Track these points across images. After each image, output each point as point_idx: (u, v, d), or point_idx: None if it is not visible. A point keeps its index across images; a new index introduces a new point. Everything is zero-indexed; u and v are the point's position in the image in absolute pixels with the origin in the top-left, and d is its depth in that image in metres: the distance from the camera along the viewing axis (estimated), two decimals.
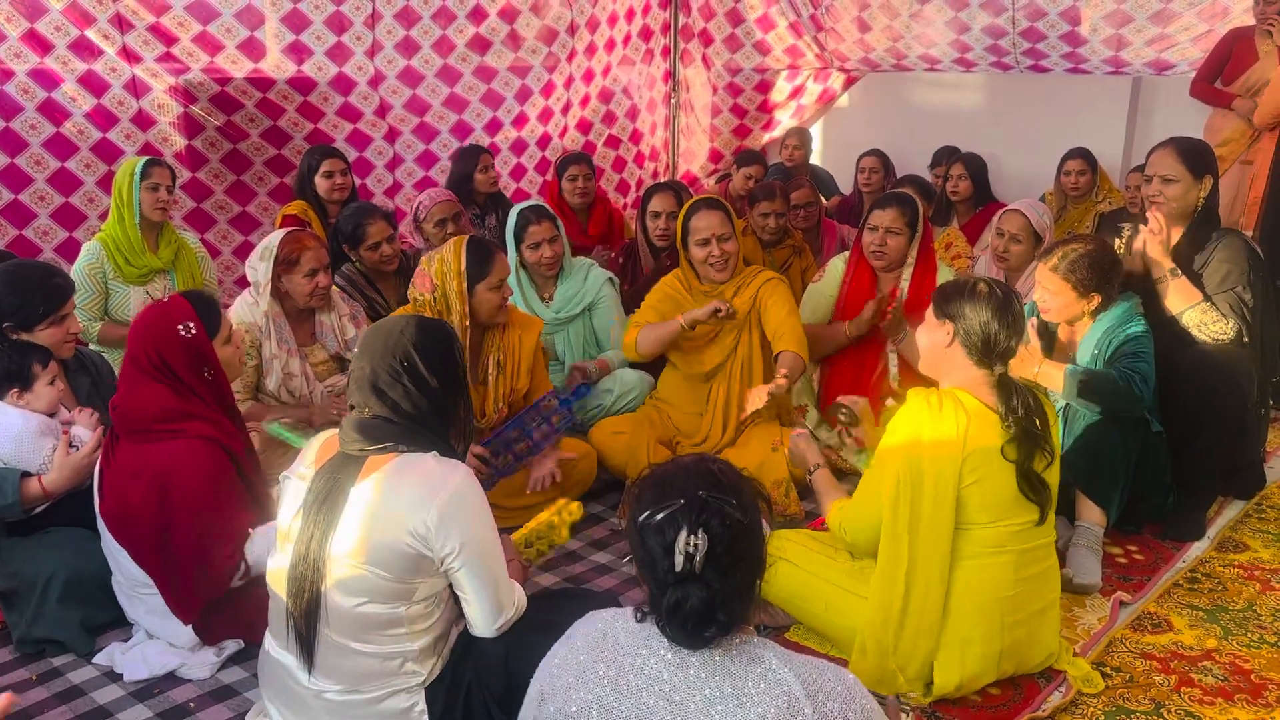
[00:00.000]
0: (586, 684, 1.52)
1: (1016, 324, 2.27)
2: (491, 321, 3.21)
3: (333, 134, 5.45)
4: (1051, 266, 2.99)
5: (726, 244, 3.43)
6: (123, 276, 3.86)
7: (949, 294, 2.34)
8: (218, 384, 2.50)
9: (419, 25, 5.66)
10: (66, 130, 4.64)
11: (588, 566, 3.05)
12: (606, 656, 1.54)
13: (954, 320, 2.29)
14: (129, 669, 2.45)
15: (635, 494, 1.55)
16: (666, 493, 1.49)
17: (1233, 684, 2.44)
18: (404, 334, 2.01)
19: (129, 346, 2.46)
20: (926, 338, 2.39)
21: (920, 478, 2.24)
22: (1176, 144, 3.29)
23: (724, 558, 1.46)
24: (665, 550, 1.46)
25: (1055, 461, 2.33)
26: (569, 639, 1.63)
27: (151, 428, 2.41)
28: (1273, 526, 3.23)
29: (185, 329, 2.42)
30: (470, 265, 3.11)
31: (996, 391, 2.28)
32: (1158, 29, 5.65)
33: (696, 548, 1.44)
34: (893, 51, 6.61)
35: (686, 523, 1.45)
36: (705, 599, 1.45)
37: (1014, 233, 3.86)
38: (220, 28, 4.99)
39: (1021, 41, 6.07)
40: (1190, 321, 3.13)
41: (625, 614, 1.59)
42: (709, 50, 7.16)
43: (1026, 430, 2.25)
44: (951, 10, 6.22)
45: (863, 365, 3.70)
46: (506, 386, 3.28)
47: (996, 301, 2.26)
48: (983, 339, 2.26)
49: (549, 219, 3.79)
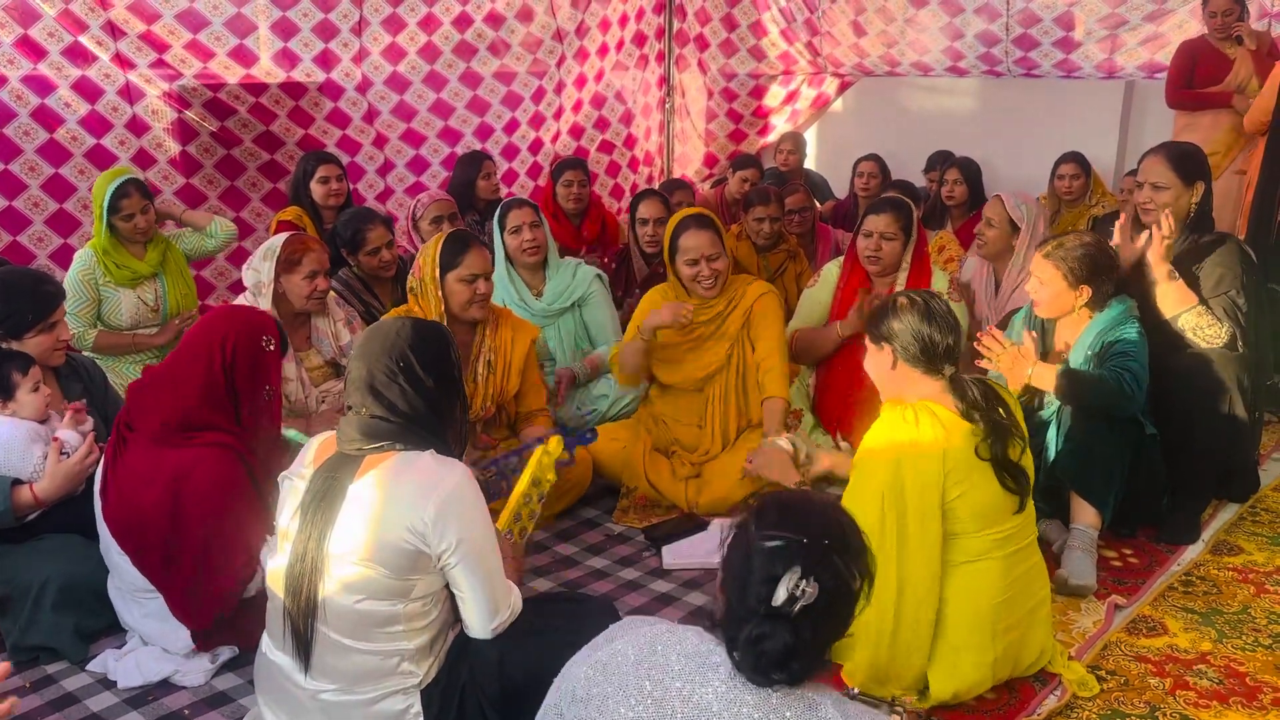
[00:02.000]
0: (629, 699, 1.47)
1: (945, 321, 2.29)
2: (465, 316, 3.20)
3: (323, 139, 5.45)
4: (1045, 254, 3.01)
5: (715, 263, 3.39)
6: (113, 279, 3.85)
7: (875, 317, 2.37)
8: (270, 406, 2.50)
9: (405, 32, 5.67)
10: (60, 136, 4.64)
11: (583, 571, 3.05)
12: (654, 676, 1.47)
13: (888, 340, 2.31)
14: (123, 676, 2.44)
15: (758, 510, 1.49)
16: (793, 524, 1.44)
17: (1228, 687, 2.44)
18: (400, 335, 2.02)
19: (201, 333, 2.43)
20: (874, 367, 2.40)
21: (903, 494, 2.21)
22: (1168, 150, 3.29)
23: (821, 614, 1.41)
24: (767, 579, 1.40)
25: (1027, 446, 2.33)
26: (610, 642, 1.57)
27: (171, 432, 2.39)
28: (1267, 530, 3.24)
29: (267, 342, 2.44)
30: (443, 254, 3.16)
31: (952, 392, 2.29)
32: (1152, 26, 5.67)
33: (804, 593, 1.39)
34: (886, 58, 6.64)
35: (803, 564, 1.40)
36: (789, 644, 1.39)
37: (989, 217, 3.99)
38: (210, 36, 5.00)
39: (1015, 50, 6.10)
40: (1186, 325, 3.13)
41: (679, 632, 1.53)
42: (705, 55, 7.18)
43: (994, 422, 2.25)
44: (946, 15, 6.24)
45: (857, 367, 3.68)
46: (496, 386, 3.27)
47: (919, 308, 2.29)
48: (921, 348, 2.27)
49: (530, 206, 3.88)
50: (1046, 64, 6.06)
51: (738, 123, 7.33)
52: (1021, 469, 2.29)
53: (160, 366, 2.51)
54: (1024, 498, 2.30)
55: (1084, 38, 5.90)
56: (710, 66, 7.20)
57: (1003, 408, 2.29)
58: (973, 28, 6.19)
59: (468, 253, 3.16)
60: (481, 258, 3.18)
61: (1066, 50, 5.98)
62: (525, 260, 3.86)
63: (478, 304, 3.19)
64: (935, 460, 2.19)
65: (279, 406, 2.55)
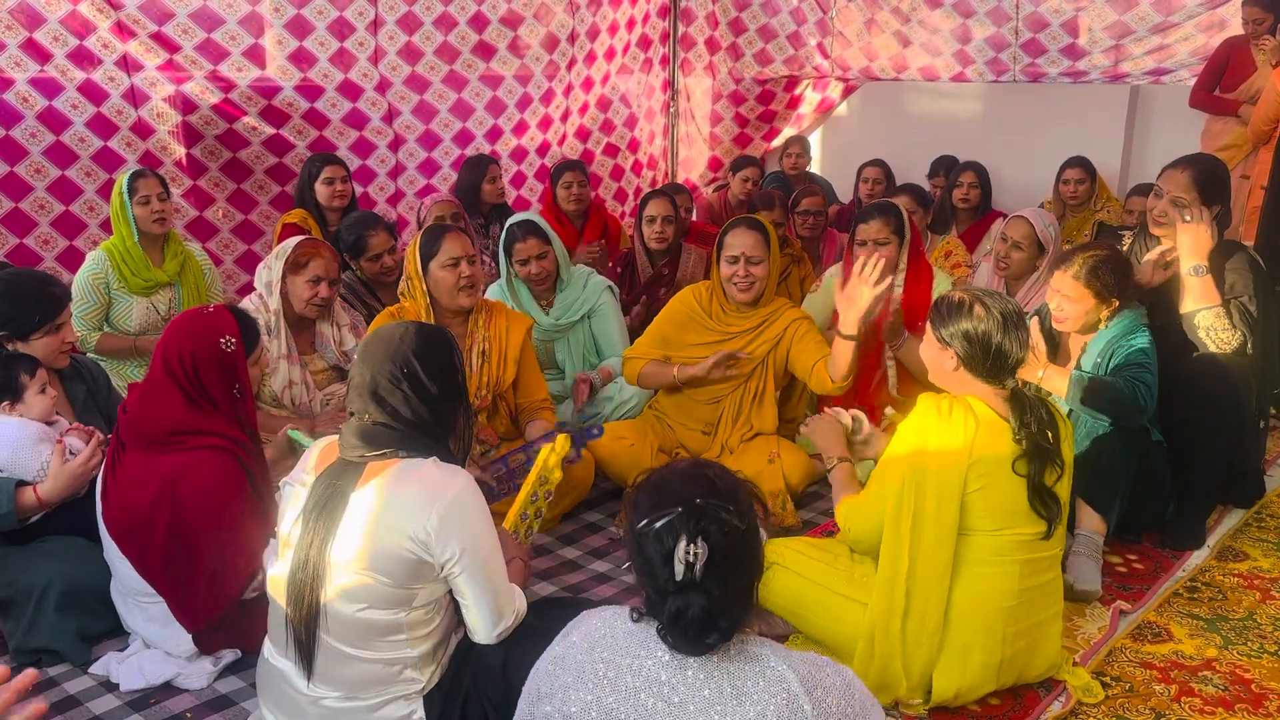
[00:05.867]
0: (586, 684, 1.51)
1: (1020, 336, 2.24)
2: (454, 304, 3.19)
3: (337, 141, 5.46)
4: (1073, 274, 2.95)
5: (755, 267, 3.34)
6: (127, 287, 3.84)
7: (945, 316, 2.30)
8: (243, 403, 2.48)
9: (420, 31, 5.67)
10: (67, 139, 4.65)
11: (586, 575, 3.04)
12: (605, 656, 1.53)
13: (952, 345, 2.27)
14: (125, 679, 2.44)
15: (632, 501, 1.54)
16: (663, 500, 1.49)
17: (1233, 694, 2.43)
18: (404, 341, 2.01)
19: (160, 349, 2.41)
20: (931, 358, 2.36)
21: (924, 481, 2.23)
22: (1195, 168, 3.21)
23: (723, 564, 1.46)
24: (664, 559, 1.46)
25: (1066, 475, 2.32)
26: (565, 637, 1.62)
27: (163, 440, 2.39)
28: (1273, 535, 3.23)
29: (226, 342, 2.41)
30: (422, 245, 3.19)
31: (1009, 405, 2.27)
32: (1158, 39, 5.67)
33: (696, 556, 1.43)
34: (894, 62, 6.63)
35: (685, 531, 1.45)
36: (706, 607, 1.45)
37: (1017, 240, 3.83)
38: (225, 35, 5.01)
39: (1022, 56, 6.09)
40: (1202, 323, 3.09)
41: (622, 613, 1.58)
42: (715, 58, 7.18)
43: (1038, 445, 2.23)
44: (959, 16, 6.24)
45: (861, 372, 3.69)
46: (492, 375, 3.27)
47: (995, 320, 2.23)
48: (988, 360, 2.23)
49: (537, 235, 3.73)
50: (1054, 71, 6.06)
51: (743, 126, 7.33)
52: (1055, 495, 2.28)
53: (141, 383, 2.50)
54: (1052, 525, 2.29)
55: (1090, 45, 5.89)
56: (720, 70, 7.20)
57: (1053, 433, 2.27)
58: (982, 31, 6.19)
59: (444, 238, 3.17)
60: (460, 242, 3.18)
61: (1073, 58, 5.98)
62: (534, 288, 3.85)
63: (465, 290, 3.17)
64: (961, 453, 2.20)
65: (251, 404, 2.51)
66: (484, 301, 3.35)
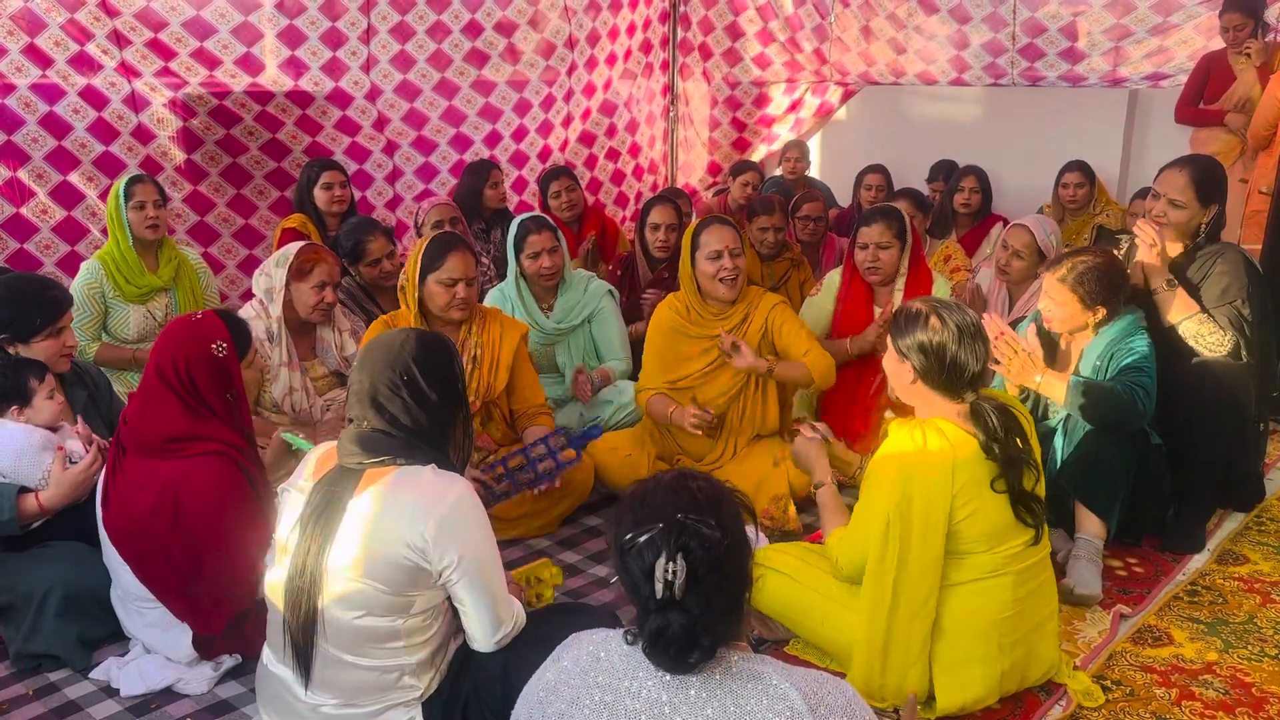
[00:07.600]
0: (583, 712, 1.48)
1: (977, 348, 2.20)
2: (445, 317, 3.20)
3: (331, 147, 5.47)
4: (1060, 277, 2.96)
5: (739, 258, 3.37)
6: (123, 295, 3.84)
7: (902, 328, 2.26)
8: (238, 407, 2.48)
9: (414, 39, 5.68)
10: (68, 144, 4.66)
11: (586, 581, 3.04)
12: (601, 681, 1.49)
13: (910, 357, 2.24)
14: (125, 684, 2.44)
15: (615, 515, 1.51)
16: (645, 515, 1.46)
17: (1234, 697, 2.43)
18: (404, 348, 2.01)
19: (153, 359, 2.42)
20: (891, 371, 2.34)
21: (910, 508, 2.20)
22: (1192, 168, 3.22)
23: (706, 580, 1.42)
24: (646, 575, 1.43)
25: (1041, 474, 2.31)
26: (556, 661, 1.59)
27: (163, 447, 2.40)
28: (1273, 539, 3.23)
29: (218, 347, 2.41)
30: (425, 256, 3.16)
31: (972, 421, 2.23)
32: (1157, 40, 5.69)
33: (675, 574, 1.40)
34: (892, 67, 6.64)
35: (665, 547, 1.41)
36: (687, 625, 1.41)
37: (1018, 248, 3.85)
38: (217, 43, 5.02)
39: (1020, 60, 6.10)
40: (1187, 332, 3.13)
41: (615, 635, 1.54)
42: (709, 64, 7.19)
43: (1010, 456, 2.20)
44: (956, 23, 6.25)
45: (861, 378, 3.71)
46: (482, 381, 3.26)
47: (951, 331, 2.18)
48: (944, 372, 2.20)
49: (549, 229, 3.78)
50: (1052, 75, 6.07)
51: (741, 131, 7.34)
52: (1038, 499, 2.27)
53: (136, 393, 2.51)
54: (1039, 530, 2.27)
55: (1089, 49, 5.90)
56: (714, 75, 7.21)
57: (1020, 437, 2.24)
58: (979, 37, 6.20)
59: (450, 255, 3.14)
60: (464, 262, 3.16)
61: (1072, 61, 5.99)
62: (543, 284, 3.84)
63: (456, 307, 3.18)
64: (944, 477, 2.18)
65: (246, 407, 2.52)
66: (478, 307, 3.34)
